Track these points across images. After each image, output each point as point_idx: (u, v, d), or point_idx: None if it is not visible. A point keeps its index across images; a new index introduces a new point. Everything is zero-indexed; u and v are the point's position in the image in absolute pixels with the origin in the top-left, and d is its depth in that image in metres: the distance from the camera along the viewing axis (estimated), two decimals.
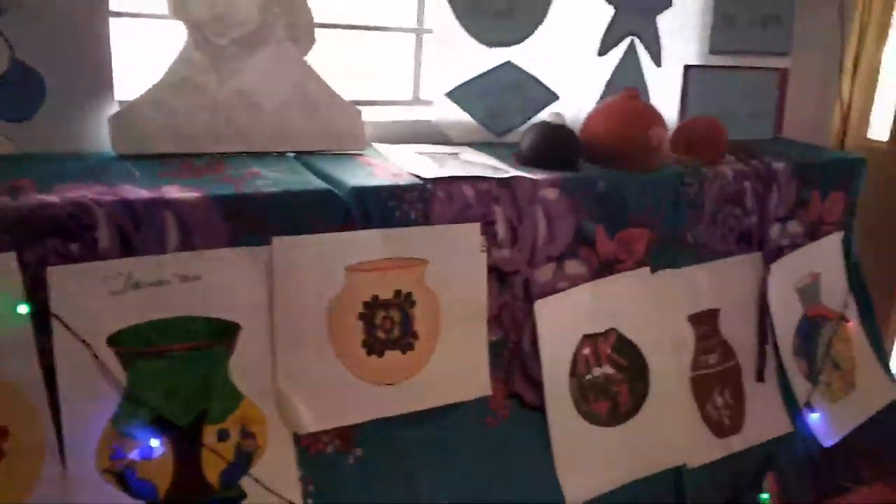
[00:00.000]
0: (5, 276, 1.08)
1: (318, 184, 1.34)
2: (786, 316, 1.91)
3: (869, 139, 2.47)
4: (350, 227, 1.34)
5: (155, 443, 1.19)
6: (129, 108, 1.41)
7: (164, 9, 1.44)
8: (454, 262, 1.45)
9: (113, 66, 1.42)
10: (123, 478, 1.17)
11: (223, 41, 1.48)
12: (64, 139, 1.39)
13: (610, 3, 1.89)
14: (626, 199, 1.65)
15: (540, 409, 1.55)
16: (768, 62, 2.17)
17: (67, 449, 1.13)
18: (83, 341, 1.13)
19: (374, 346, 1.38)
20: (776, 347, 1.88)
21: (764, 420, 1.82)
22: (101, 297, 1.15)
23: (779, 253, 1.91)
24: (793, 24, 2.17)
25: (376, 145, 1.65)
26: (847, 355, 2.01)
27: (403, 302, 1.41)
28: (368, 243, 1.36)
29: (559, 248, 1.58)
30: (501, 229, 1.50)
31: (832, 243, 2.02)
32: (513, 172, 1.54)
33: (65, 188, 1.18)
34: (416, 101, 1.87)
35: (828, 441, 1.89)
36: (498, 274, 1.51)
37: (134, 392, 1.18)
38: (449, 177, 1.44)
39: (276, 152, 1.52)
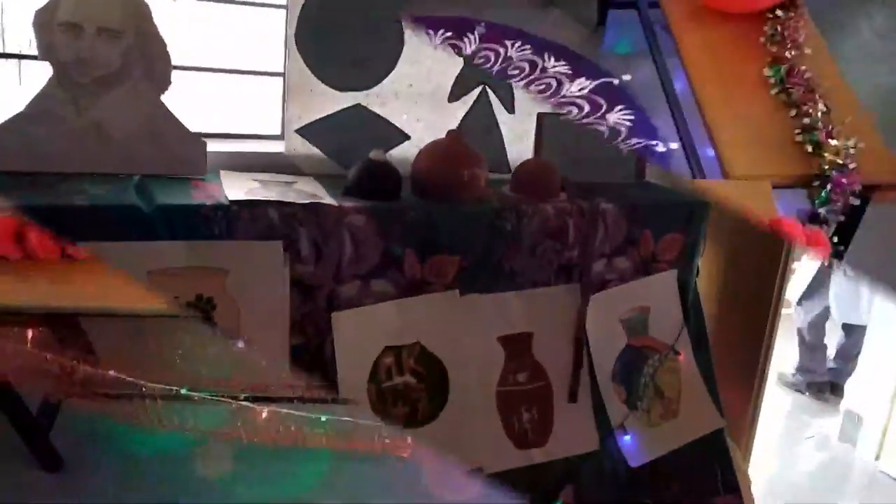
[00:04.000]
0: None
1: (128, 200, 1.60)
2: (606, 344, 2.08)
3: None
4: (156, 238, 1.59)
5: None
6: None
7: (33, 50, 1.73)
8: (256, 274, 1.69)
9: None
10: None
11: (85, 80, 1.76)
12: None
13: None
14: (436, 228, 1.86)
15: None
16: None
17: None
18: None
19: None
20: (592, 372, 2.05)
21: (570, 437, 1.99)
22: None
23: (603, 286, 2.09)
24: None
25: (223, 172, 1.90)
26: (673, 385, 2.16)
27: (205, 305, 1.64)
28: (171, 253, 1.60)
29: (365, 267, 1.80)
30: (305, 248, 1.73)
31: (665, 280, 2.18)
32: (326, 200, 1.77)
33: None
34: (282, 136, 2.12)
35: (635, 461, 2.04)
36: (302, 287, 1.74)
37: None
38: (252, 200, 1.68)
39: (124, 174, 1.78)
